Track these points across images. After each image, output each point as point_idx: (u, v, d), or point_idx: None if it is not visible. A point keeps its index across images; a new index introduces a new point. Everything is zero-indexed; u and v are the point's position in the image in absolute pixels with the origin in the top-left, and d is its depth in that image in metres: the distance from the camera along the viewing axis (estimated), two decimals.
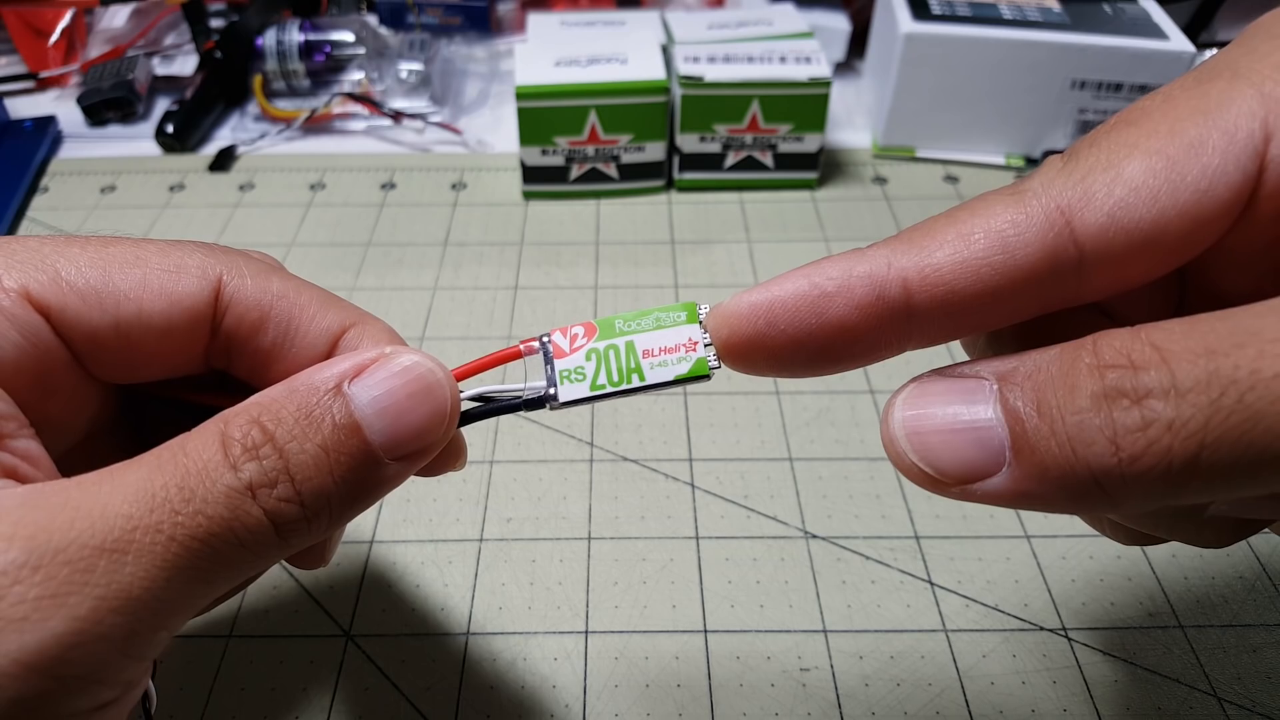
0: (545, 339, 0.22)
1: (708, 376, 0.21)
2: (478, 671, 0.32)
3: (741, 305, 0.19)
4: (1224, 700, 0.30)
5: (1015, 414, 0.16)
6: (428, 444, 0.20)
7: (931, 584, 0.34)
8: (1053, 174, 0.17)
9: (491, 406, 0.22)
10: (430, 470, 0.22)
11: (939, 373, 0.18)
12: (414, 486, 0.38)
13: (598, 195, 0.55)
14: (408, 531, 0.36)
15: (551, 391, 0.21)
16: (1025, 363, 0.16)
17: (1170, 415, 0.14)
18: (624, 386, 0.21)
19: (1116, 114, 0.18)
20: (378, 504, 0.37)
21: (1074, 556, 0.35)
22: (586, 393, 0.21)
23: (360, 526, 0.36)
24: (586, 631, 0.33)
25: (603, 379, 0.21)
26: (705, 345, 0.21)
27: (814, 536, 0.36)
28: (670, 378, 0.21)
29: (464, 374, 0.22)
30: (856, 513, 0.36)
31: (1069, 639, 0.32)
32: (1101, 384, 0.15)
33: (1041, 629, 0.33)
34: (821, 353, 0.19)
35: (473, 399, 0.22)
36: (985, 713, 0.30)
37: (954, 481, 0.17)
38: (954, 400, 0.17)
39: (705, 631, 0.33)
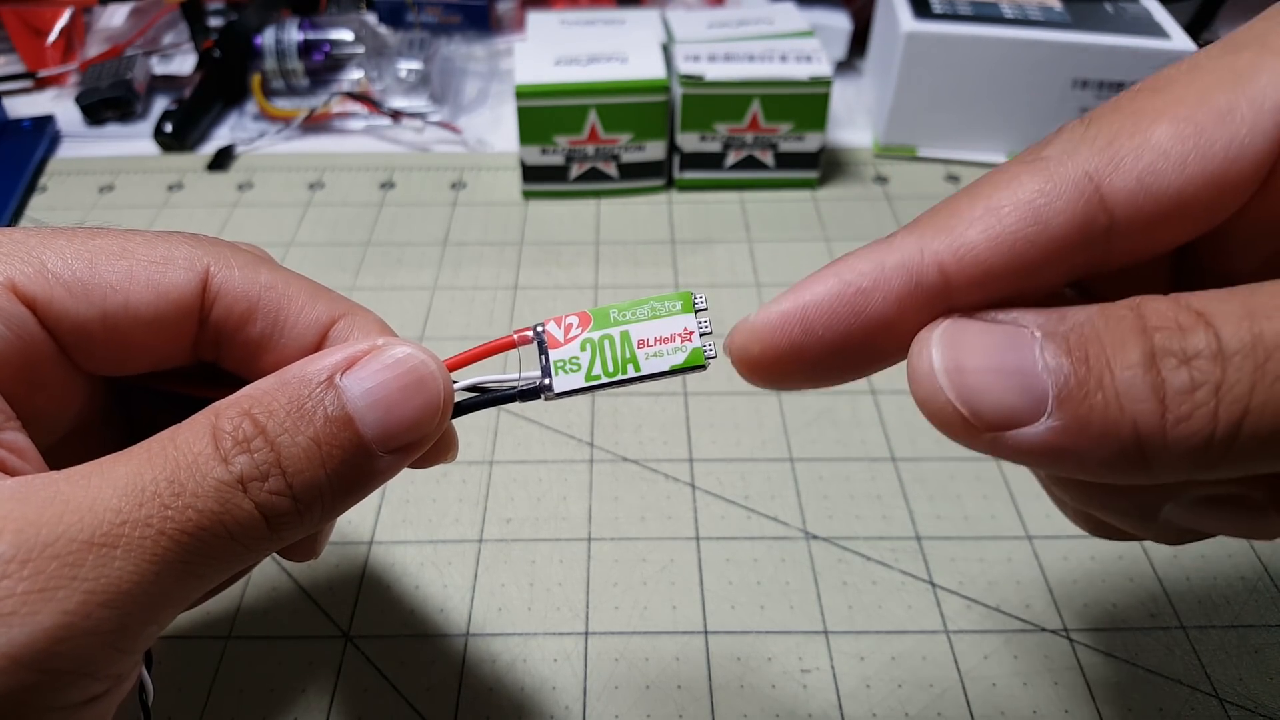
0: (540, 329, 0.21)
1: (703, 366, 0.21)
2: (477, 673, 0.31)
3: (772, 316, 0.18)
4: (1226, 701, 0.30)
5: (1062, 364, 0.15)
6: (421, 436, 0.20)
7: (933, 585, 0.34)
8: (1075, 140, 0.17)
9: (485, 398, 0.22)
10: (423, 462, 0.22)
11: (973, 316, 0.17)
12: (413, 487, 0.38)
13: (598, 195, 0.54)
14: (407, 532, 0.36)
15: (546, 382, 0.21)
16: (1068, 316, 0.16)
17: (1218, 378, 0.14)
18: (619, 377, 0.21)
19: (1136, 83, 0.18)
20: (376, 504, 0.37)
21: (1075, 558, 0.35)
22: (581, 383, 0.21)
23: (359, 527, 0.36)
24: (586, 633, 0.33)
25: (598, 369, 0.21)
26: (701, 335, 0.21)
27: (815, 537, 0.36)
28: (666, 368, 0.21)
29: (457, 365, 0.21)
30: (858, 513, 0.36)
31: (1071, 640, 0.32)
32: (1150, 343, 0.15)
33: (1043, 630, 0.32)
34: (860, 353, 0.18)
35: (466, 390, 0.22)
36: (987, 714, 0.30)
37: (988, 427, 0.16)
38: (997, 343, 0.16)
39: (706, 633, 0.33)
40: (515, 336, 0.22)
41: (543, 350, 0.21)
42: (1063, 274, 0.17)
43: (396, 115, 0.59)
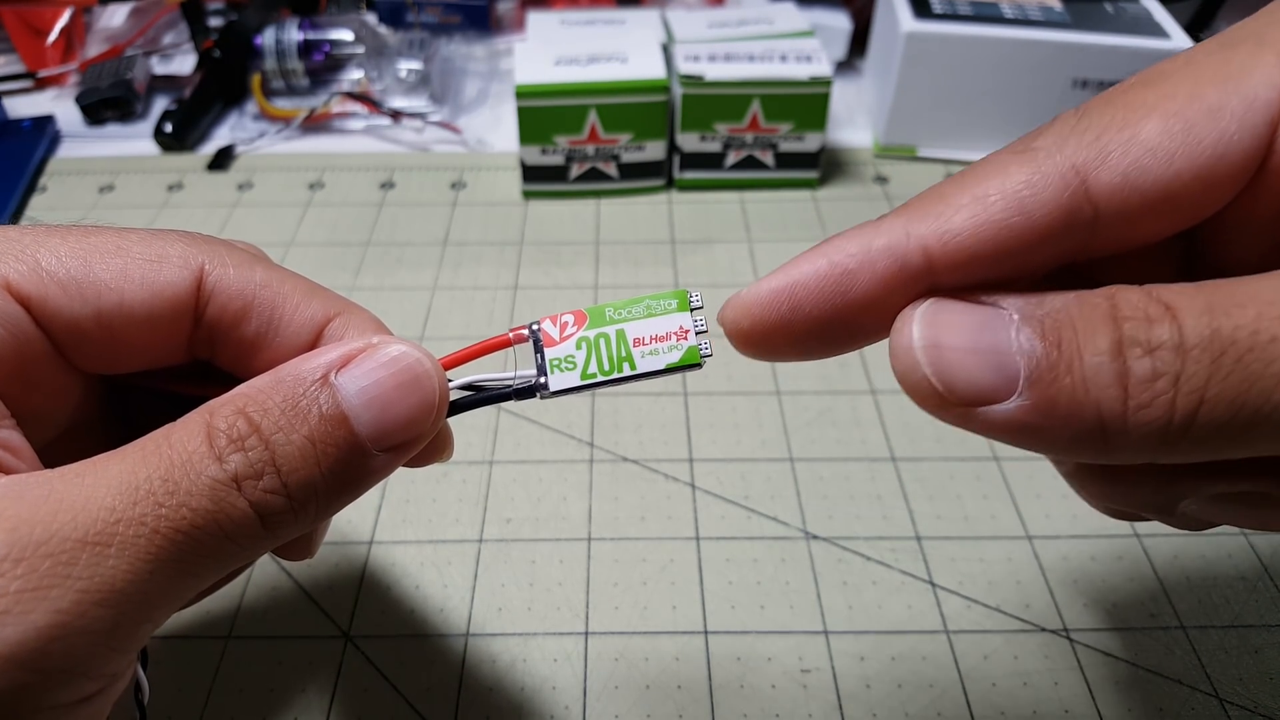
0: (535, 327, 0.21)
1: (699, 365, 0.21)
2: (477, 673, 0.31)
3: (762, 292, 0.19)
4: (1226, 701, 0.30)
5: (1036, 346, 0.16)
6: (416, 435, 0.20)
7: (933, 585, 0.34)
8: (1066, 132, 0.17)
9: (481, 396, 0.22)
10: (418, 461, 0.22)
11: (957, 297, 0.18)
12: (413, 487, 0.38)
13: (598, 194, 0.54)
14: (407, 532, 0.36)
15: (542, 380, 0.21)
16: (1045, 301, 0.17)
17: (1178, 369, 0.15)
18: (615, 375, 0.21)
19: (1133, 75, 0.18)
20: (376, 504, 0.37)
21: (1076, 557, 0.35)
22: (577, 382, 0.21)
23: (359, 527, 0.36)
24: (586, 633, 0.33)
25: (593, 368, 0.21)
26: (697, 333, 0.21)
27: (815, 537, 0.35)
28: (661, 366, 0.21)
29: (452, 363, 0.21)
30: (858, 513, 0.36)
31: (1071, 640, 0.32)
32: (1119, 332, 0.15)
33: (1043, 630, 0.32)
34: (847, 330, 0.19)
35: (462, 389, 0.22)
36: (987, 714, 0.30)
37: (961, 402, 0.17)
38: (975, 323, 0.17)
39: (706, 633, 0.32)
40: (511, 335, 0.22)
41: (538, 349, 0.21)
42: (1046, 260, 0.18)
43: (396, 115, 0.59)
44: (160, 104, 0.63)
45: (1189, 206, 0.17)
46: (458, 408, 0.21)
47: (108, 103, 0.61)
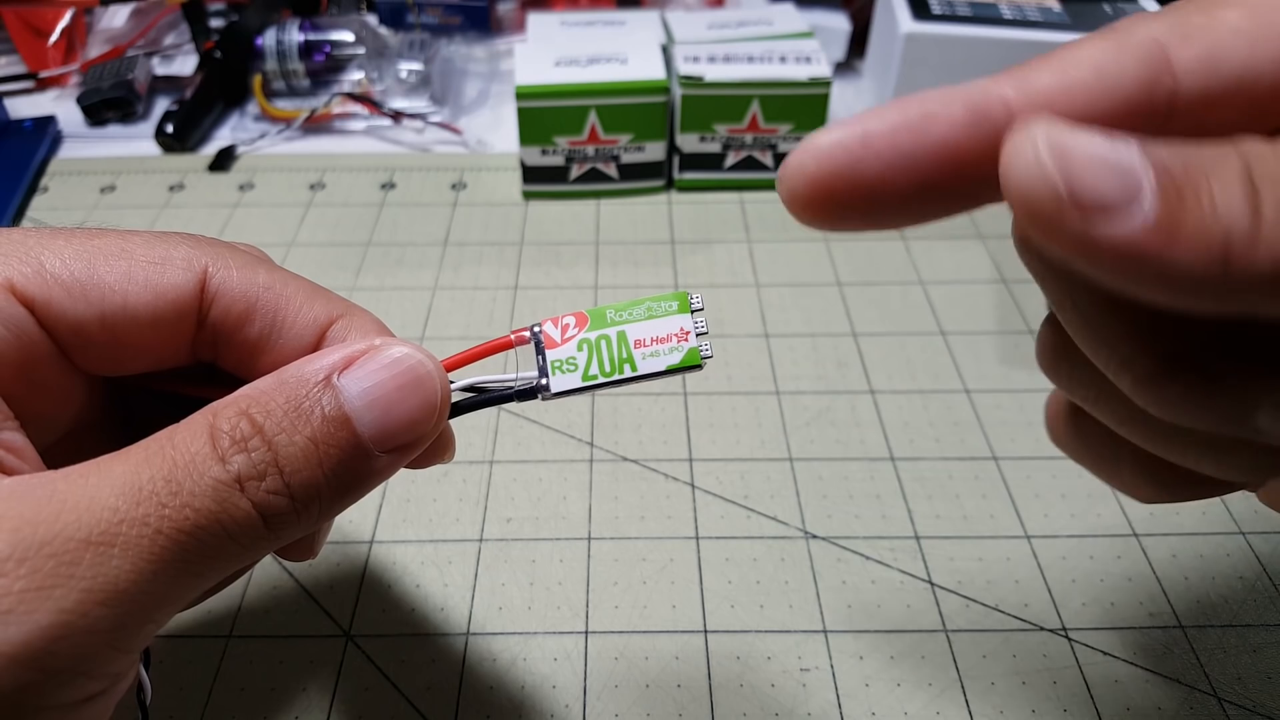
0: (536, 329, 0.22)
1: (699, 366, 0.21)
2: (477, 672, 0.32)
3: (830, 134, 0.17)
4: (1224, 700, 0.30)
5: (1161, 165, 0.15)
6: (418, 436, 0.20)
7: (932, 584, 0.34)
8: (1144, 16, 0.17)
9: (482, 398, 0.22)
10: (420, 462, 0.22)
11: (1066, 122, 0.17)
12: (414, 486, 0.38)
13: (598, 195, 0.55)
14: (407, 531, 0.36)
15: (543, 382, 0.21)
16: (1156, 139, 0.16)
17: None
18: (616, 377, 0.21)
19: None
20: (377, 504, 0.37)
21: (1074, 557, 0.35)
22: (578, 383, 0.21)
23: (360, 526, 0.36)
24: (586, 632, 0.33)
25: (594, 369, 0.21)
26: (697, 335, 0.21)
27: (814, 537, 0.36)
28: (662, 368, 0.21)
29: (454, 365, 0.22)
30: (857, 513, 0.36)
31: (1069, 639, 0.32)
32: (1245, 161, 0.15)
33: (1042, 629, 0.32)
34: (923, 182, 0.17)
35: (464, 390, 0.22)
36: (985, 713, 0.30)
37: (1084, 206, 0.15)
38: (1099, 138, 0.16)
39: (705, 632, 0.33)
40: (512, 337, 0.22)
41: (540, 350, 0.21)
42: None
43: (397, 116, 0.59)
44: (161, 105, 0.63)
45: (1264, 95, 0.17)
46: (459, 409, 0.22)
47: (109, 103, 0.61)
